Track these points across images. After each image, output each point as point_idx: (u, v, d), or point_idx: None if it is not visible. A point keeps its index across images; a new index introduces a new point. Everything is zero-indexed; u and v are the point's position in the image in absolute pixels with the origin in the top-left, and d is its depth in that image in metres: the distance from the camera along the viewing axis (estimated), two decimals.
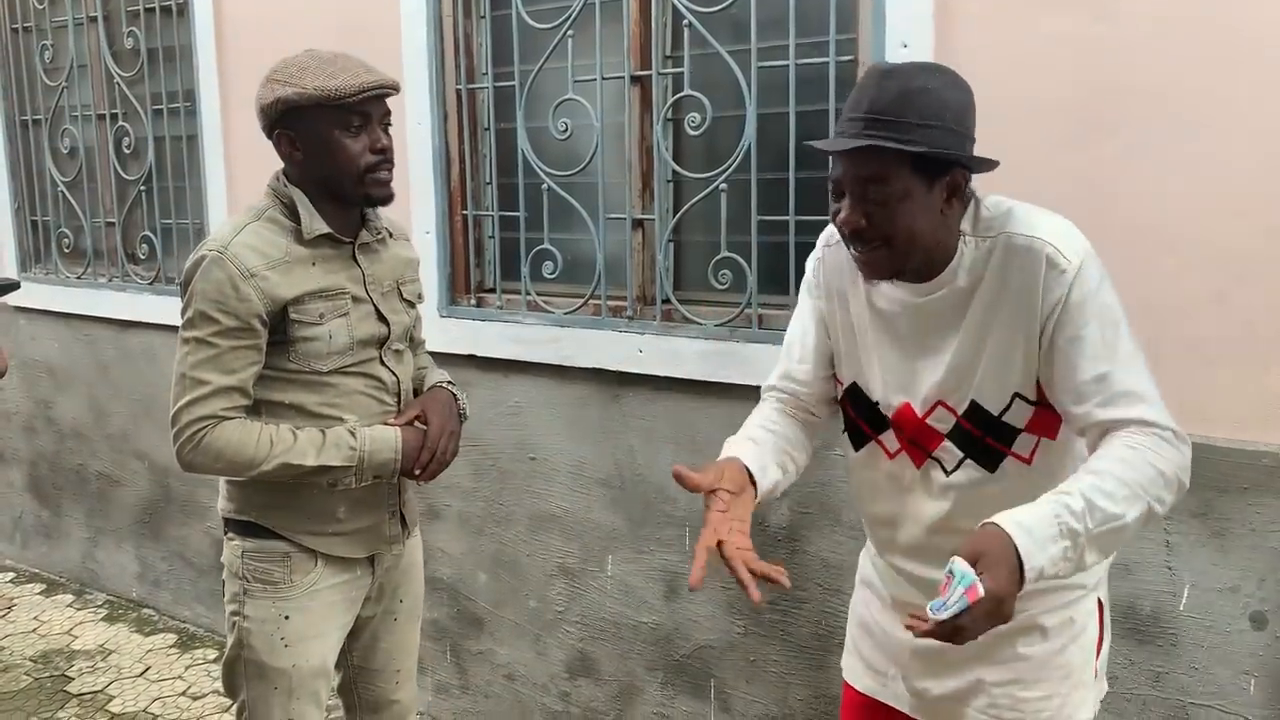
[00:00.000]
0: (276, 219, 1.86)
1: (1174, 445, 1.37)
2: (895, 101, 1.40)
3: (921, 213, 1.43)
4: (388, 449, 1.87)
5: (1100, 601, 1.63)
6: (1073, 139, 1.99)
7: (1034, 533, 1.29)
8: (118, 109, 3.78)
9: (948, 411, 1.53)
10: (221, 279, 1.78)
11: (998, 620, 1.26)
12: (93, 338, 4.00)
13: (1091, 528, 1.31)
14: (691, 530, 2.61)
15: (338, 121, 1.79)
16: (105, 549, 4.17)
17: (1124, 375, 1.39)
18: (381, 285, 1.96)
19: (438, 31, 2.84)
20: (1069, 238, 1.43)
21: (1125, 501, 1.33)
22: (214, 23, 3.35)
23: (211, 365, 1.79)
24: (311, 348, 1.84)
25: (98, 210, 3.94)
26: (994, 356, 1.47)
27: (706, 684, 2.66)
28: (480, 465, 2.97)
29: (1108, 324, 1.41)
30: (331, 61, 1.80)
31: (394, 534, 2.03)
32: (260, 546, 1.92)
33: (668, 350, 2.54)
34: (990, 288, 1.46)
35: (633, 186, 2.62)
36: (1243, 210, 1.86)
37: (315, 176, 1.85)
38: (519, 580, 2.95)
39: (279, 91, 1.78)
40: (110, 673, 3.55)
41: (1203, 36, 1.87)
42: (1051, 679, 1.58)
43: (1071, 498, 1.33)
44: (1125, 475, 1.34)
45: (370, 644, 2.12)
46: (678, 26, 2.52)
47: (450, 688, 3.16)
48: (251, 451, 1.80)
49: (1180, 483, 1.38)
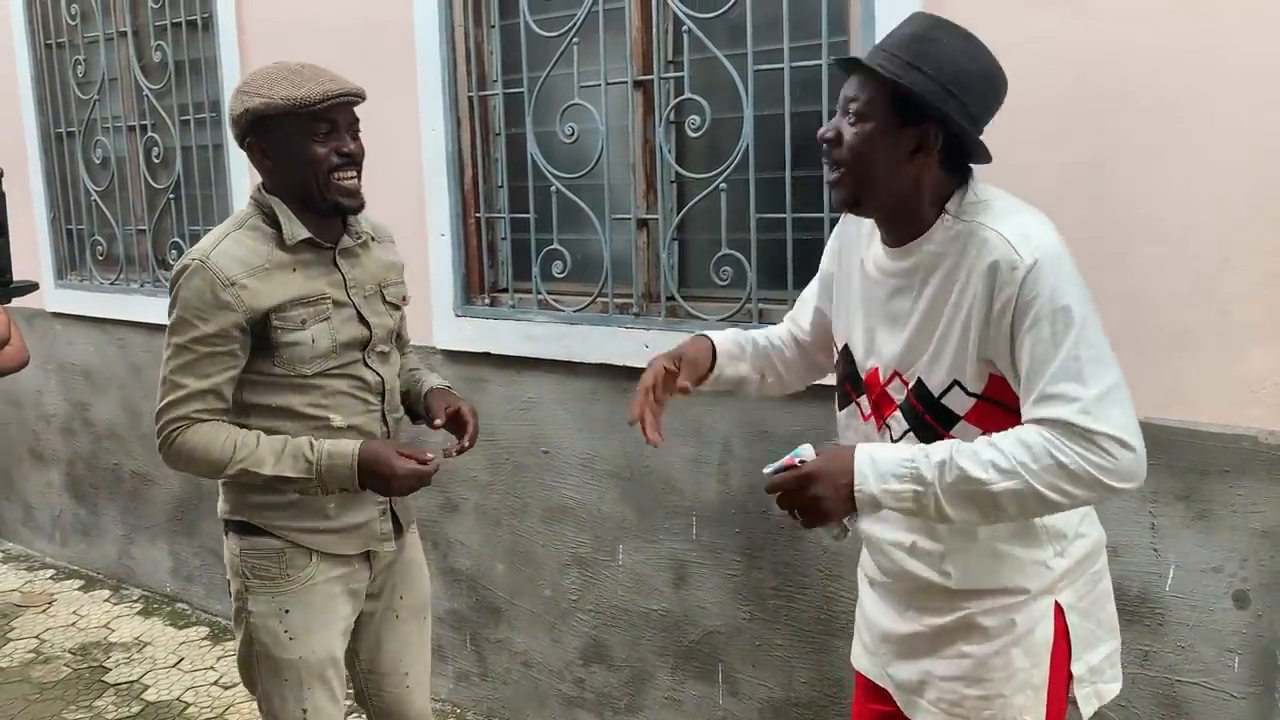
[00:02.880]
0: (259, 227, 1.91)
1: (1093, 447, 1.38)
2: (904, 40, 1.49)
3: (883, 149, 1.49)
4: (344, 464, 1.88)
5: (1060, 606, 1.60)
6: (1056, 135, 2.05)
7: (878, 464, 1.47)
8: (147, 120, 3.91)
9: (901, 383, 1.59)
10: (201, 287, 1.84)
11: (805, 500, 1.48)
12: (125, 341, 4.14)
13: (947, 482, 1.43)
14: (698, 519, 2.69)
15: (305, 129, 1.84)
16: (140, 546, 4.31)
17: (1061, 377, 1.40)
18: (363, 289, 2.00)
19: (450, 40, 2.94)
20: (1030, 236, 1.44)
21: (995, 471, 1.40)
22: (237, 36, 3.48)
23: (188, 370, 1.86)
24: (295, 352, 1.90)
25: (129, 218, 4.07)
26: (939, 340, 1.52)
27: (715, 668, 2.74)
28: (496, 459, 3.06)
29: (1059, 325, 1.40)
30: (297, 72, 1.85)
31: (385, 532, 2.07)
32: (255, 544, 1.98)
33: (672, 345, 2.61)
34: (947, 272, 1.51)
35: (637, 187, 2.71)
36: (1220, 201, 1.92)
37: (286, 184, 1.90)
38: (534, 570, 3.05)
39: (247, 103, 1.84)
40: (145, 664, 3.69)
41: (1180, 33, 1.92)
42: (994, 680, 1.60)
43: (936, 450, 1.45)
44: (1009, 450, 1.41)
45: (375, 644, 2.17)
46: (678, 32, 2.60)
47: (470, 675, 3.25)
48: (216, 454, 1.86)
49: (1098, 481, 1.38)
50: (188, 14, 3.65)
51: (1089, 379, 1.39)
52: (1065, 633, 1.61)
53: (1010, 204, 1.52)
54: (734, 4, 2.45)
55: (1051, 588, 1.59)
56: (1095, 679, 1.65)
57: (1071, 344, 1.40)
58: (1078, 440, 1.38)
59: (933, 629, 1.66)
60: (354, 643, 2.15)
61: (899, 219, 1.56)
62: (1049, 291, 1.41)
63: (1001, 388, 1.51)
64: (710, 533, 2.68)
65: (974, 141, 1.49)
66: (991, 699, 1.61)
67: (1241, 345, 1.93)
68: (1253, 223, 1.90)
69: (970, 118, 1.48)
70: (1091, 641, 1.64)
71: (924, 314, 1.54)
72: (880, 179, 1.52)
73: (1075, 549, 1.61)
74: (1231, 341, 1.94)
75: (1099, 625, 1.66)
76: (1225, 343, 1.94)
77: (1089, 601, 1.64)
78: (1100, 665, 1.66)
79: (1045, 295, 1.41)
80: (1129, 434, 1.39)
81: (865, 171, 1.52)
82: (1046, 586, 1.59)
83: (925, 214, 1.54)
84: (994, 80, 1.51)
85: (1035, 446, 1.40)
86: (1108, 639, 1.68)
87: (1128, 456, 1.39)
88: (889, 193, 1.53)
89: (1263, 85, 1.86)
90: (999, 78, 1.52)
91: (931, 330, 1.53)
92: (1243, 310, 1.92)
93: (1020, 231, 1.45)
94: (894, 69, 1.46)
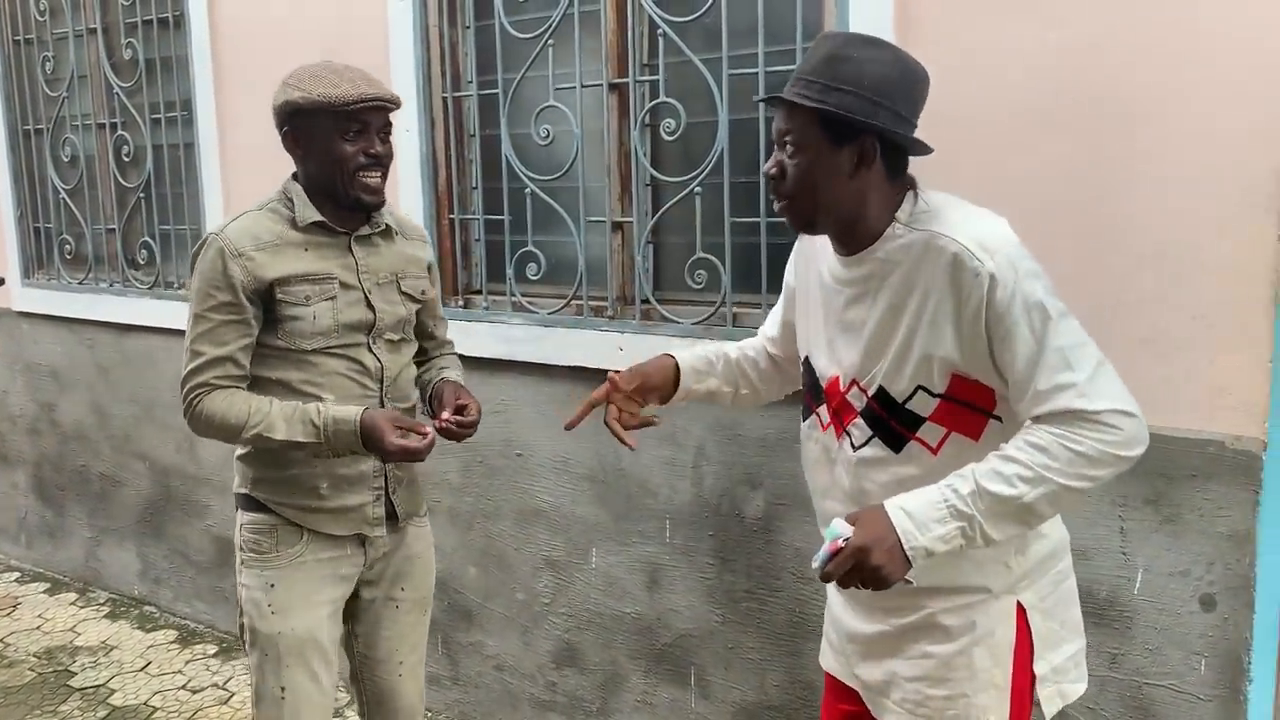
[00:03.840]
0: (277, 209, 2.03)
1: (1101, 425, 1.42)
2: (818, 64, 1.52)
3: (825, 172, 1.53)
4: (348, 429, 1.94)
5: (1022, 606, 1.62)
6: (1026, 141, 2.07)
7: (915, 515, 1.45)
8: (117, 118, 3.87)
9: (860, 391, 1.61)
10: (214, 258, 1.95)
11: (865, 573, 1.45)
12: (94, 341, 4.09)
13: (983, 508, 1.44)
14: (671, 522, 2.69)
15: (337, 127, 1.94)
16: (108, 548, 4.26)
17: (1053, 370, 1.43)
18: (377, 276, 2.07)
19: (424, 41, 2.93)
20: (987, 240, 1.46)
21: (1023, 484, 1.42)
22: (209, 34, 3.45)
23: (206, 338, 1.96)
24: (296, 326, 1.98)
25: (98, 217, 4.03)
26: (900, 347, 1.54)
27: (687, 671, 2.74)
28: (469, 462, 3.05)
29: (1037, 322, 1.44)
30: (340, 73, 1.95)
31: (377, 516, 2.10)
32: (254, 520, 2.08)
33: (647, 348, 2.60)
34: (903, 280, 1.53)
35: (612, 190, 2.71)
36: (1191, 207, 1.94)
37: (313, 174, 2.01)
38: (507, 573, 3.04)
39: (288, 94, 1.95)
40: (112, 668, 3.64)
41: (1150, 39, 1.94)
42: (957, 679, 1.62)
43: (962, 481, 1.45)
44: (1026, 459, 1.43)
45: (373, 630, 2.21)
46: (653, 36, 2.60)
47: (442, 679, 3.24)
48: (233, 419, 1.95)
49: (1114, 456, 1.42)
50: (159, 11, 3.61)
51: (1076, 363, 1.44)
52: (1028, 633, 1.62)
53: (962, 210, 1.55)
54: (709, 8, 2.46)
55: (1012, 587, 1.61)
56: (1059, 679, 1.66)
57: (1053, 336, 1.44)
58: (1085, 424, 1.42)
59: (896, 628, 1.68)
60: (353, 625, 2.21)
61: (851, 232, 1.59)
62: (1019, 292, 1.44)
63: (963, 387, 1.53)
64: (683, 535, 2.68)
65: (911, 141, 1.53)
66: (955, 699, 1.62)
67: (1210, 351, 1.95)
68: (1222, 229, 1.92)
69: (901, 120, 1.52)
70: (1055, 641, 1.66)
71: (879, 321, 1.57)
72: (829, 200, 1.56)
73: (1035, 549, 1.63)
74: (1201, 347, 1.96)
75: (1063, 625, 1.68)
76: (1195, 348, 1.96)
77: (1052, 601, 1.66)
78: (1064, 665, 1.67)
79: (1017, 297, 1.44)
80: (1125, 403, 1.43)
81: (813, 198, 1.56)
82: (1007, 586, 1.61)
83: (876, 224, 1.57)
84: (912, 79, 1.54)
85: (1050, 446, 1.43)
86: (1072, 639, 1.69)
87: (1131, 423, 1.43)
88: (839, 211, 1.57)
89: (1232, 91, 1.88)
90: (919, 74, 1.55)
91: (889, 337, 1.56)
92: (1212, 316, 1.94)
93: (977, 237, 1.47)
94: (816, 96, 1.50)
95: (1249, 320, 1.91)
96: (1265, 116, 1.86)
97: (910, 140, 1.53)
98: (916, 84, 1.54)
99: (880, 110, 1.49)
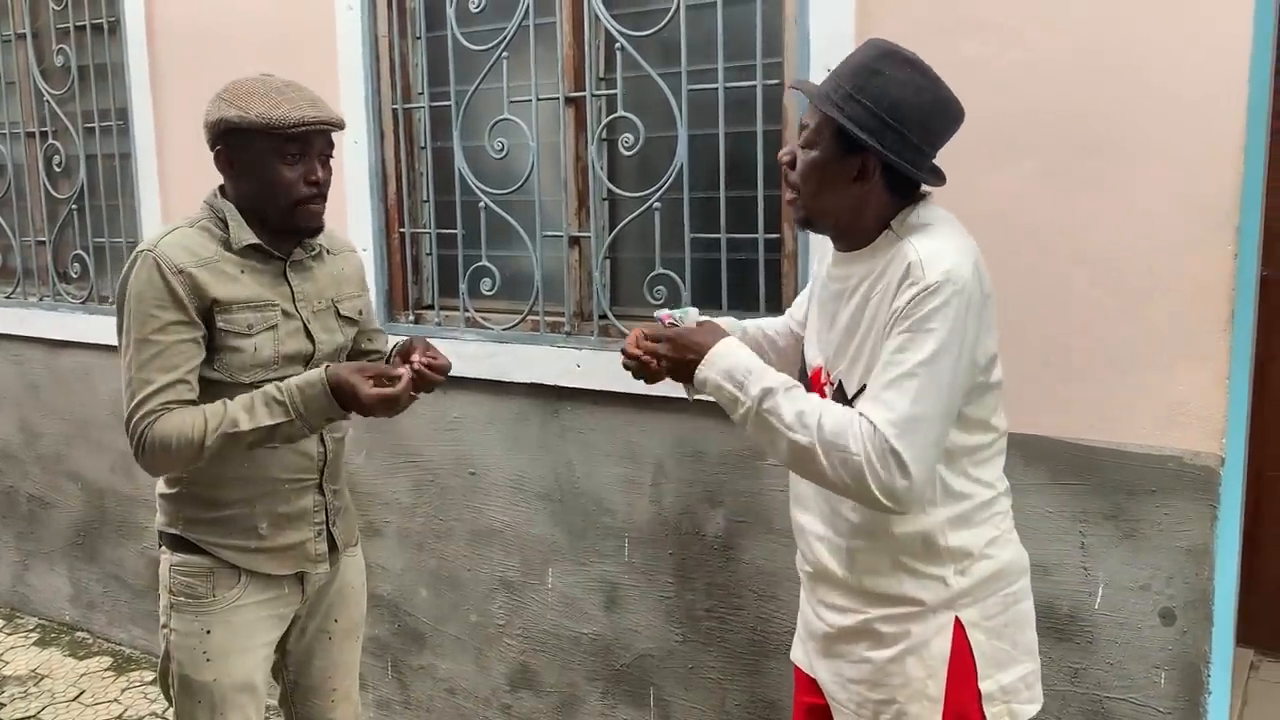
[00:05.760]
0: (208, 228, 1.89)
1: (882, 456, 1.44)
2: (851, 70, 1.55)
3: (827, 176, 1.58)
4: (316, 393, 1.79)
5: (961, 622, 1.62)
6: (990, 160, 2.08)
7: (723, 360, 1.60)
8: (48, 126, 3.74)
9: (829, 384, 1.66)
10: (154, 275, 1.80)
11: (659, 359, 1.66)
12: (22, 358, 3.94)
13: (760, 405, 1.54)
14: (630, 542, 2.65)
15: (276, 149, 1.82)
16: (37, 572, 4.09)
17: (892, 386, 1.47)
18: (313, 303, 1.97)
19: (373, 51, 2.87)
20: (940, 260, 1.48)
21: (796, 419, 1.51)
22: (146, 40, 3.34)
23: (154, 364, 1.79)
24: (235, 359, 1.86)
25: (27, 229, 3.89)
26: (858, 346, 1.59)
27: (646, 692, 2.70)
28: (420, 481, 2.98)
29: (916, 342, 1.46)
30: (280, 91, 1.83)
31: (319, 553, 2.03)
32: (186, 561, 1.96)
33: (605, 365, 2.59)
34: (873, 283, 1.57)
35: (569, 205, 2.67)
36: (1148, 226, 1.96)
37: (246, 195, 1.89)
38: (460, 595, 2.98)
39: (224, 111, 1.82)
40: (43, 698, 3.49)
41: (1108, 60, 1.96)
42: (890, 685, 1.65)
43: (773, 378, 1.56)
44: (821, 413, 1.50)
45: (305, 660, 2.14)
46: (610, 49, 2.57)
47: (392, 703, 3.16)
48: (190, 432, 1.77)
49: (863, 481, 1.45)
50: (93, 17, 3.49)
51: (914, 399, 1.46)
52: (966, 648, 1.63)
53: (946, 229, 1.57)
54: (668, 23, 2.43)
55: (951, 603, 1.62)
56: (1009, 698, 1.66)
57: (915, 363, 1.46)
58: (872, 442, 1.45)
59: (839, 630, 1.72)
60: (283, 655, 2.13)
61: (846, 234, 1.64)
62: (927, 312, 1.46)
63: None
64: (642, 554, 2.65)
65: (913, 170, 1.55)
66: (888, 704, 1.66)
67: (1168, 367, 1.97)
68: (1179, 248, 1.94)
69: (911, 147, 1.54)
70: (1004, 661, 1.66)
71: (848, 320, 1.62)
72: (826, 201, 1.61)
73: (979, 569, 1.63)
74: (1158, 364, 1.98)
75: (1014, 646, 1.67)
76: (1152, 365, 1.99)
77: (1000, 622, 1.66)
78: (1014, 685, 1.67)
79: (921, 314, 1.47)
80: (916, 465, 1.45)
81: (813, 194, 1.61)
82: (944, 601, 1.62)
83: (870, 231, 1.61)
84: (937, 110, 1.56)
85: (840, 422, 1.49)
86: (1024, 660, 1.69)
87: (901, 483, 1.45)
88: (835, 214, 1.62)
89: (1188, 111, 1.90)
90: (943, 107, 1.57)
91: (851, 336, 1.61)
92: (1169, 334, 1.97)
93: (934, 253, 1.50)
94: (836, 100, 1.54)
95: (1206, 337, 1.94)
96: (1221, 136, 1.89)
97: (914, 169, 1.54)
98: (939, 115, 1.56)
99: (888, 133, 1.52)
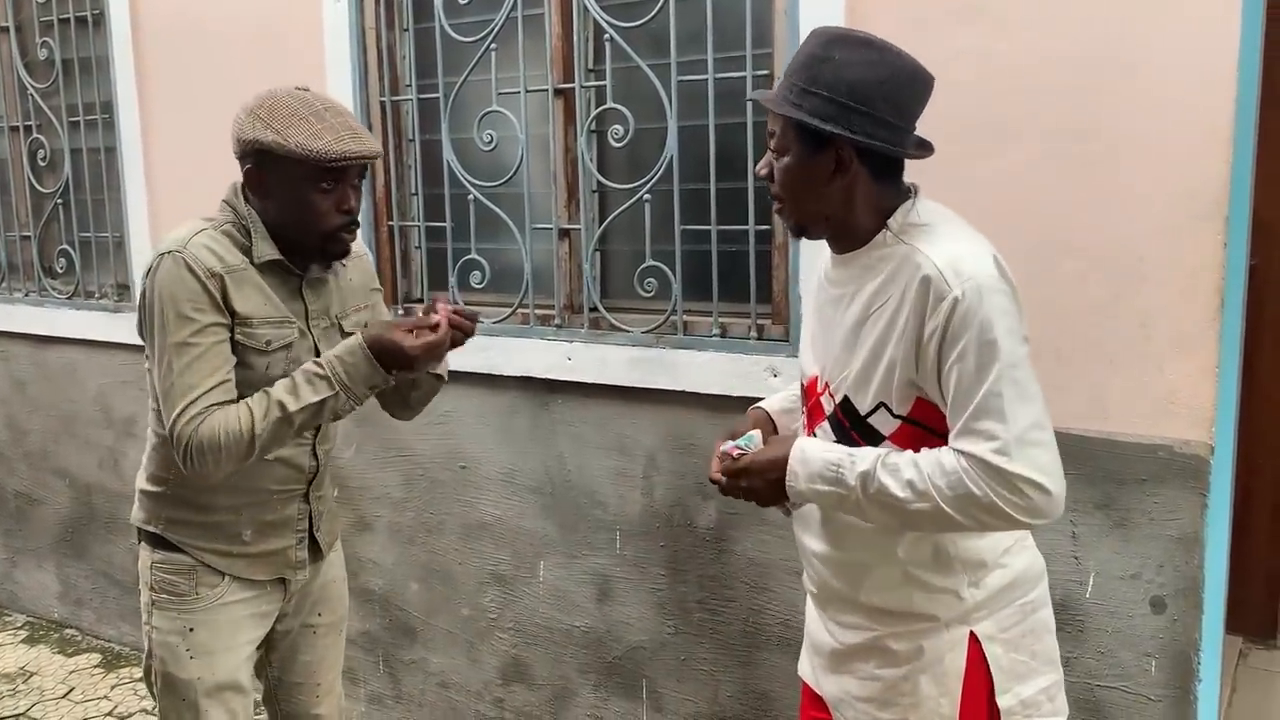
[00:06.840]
0: (231, 234, 1.81)
1: (1008, 485, 1.39)
2: (801, 65, 1.49)
3: (805, 178, 1.52)
4: (358, 360, 1.74)
5: (976, 637, 1.57)
6: (979, 151, 2.08)
7: (809, 463, 1.52)
8: (32, 120, 3.71)
9: (830, 397, 1.59)
10: (186, 276, 1.72)
11: (744, 490, 1.59)
12: (8, 354, 3.91)
13: (869, 492, 1.47)
14: (621, 534, 2.65)
15: (311, 178, 1.75)
16: (25, 569, 4.07)
17: (982, 413, 1.40)
18: (320, 322, 1.92)
19: (360, 44, 2.85)
20: (962, 266, 1.43)
21: (912, 491, 1.44)
22: (131, 33, 3.31)
23: (196, 367, 1.72)
24: (246, 375, 1.79)
25: (12, 224, 3.86)
26: (867, 361, 1.52)
27: (638, 684, 2.70)
28: (411, 475, 2.98)
29: (984, 358, 1.40)
30: (320, 116, 1.74)
31: (300, 559, 2.01)
32: (167, 559, 1.93)
33: (596, 357, 2.59)
34: (878, 292, 1.51)
35: (558, 197, 2.66)
36: (1139, 216, 1.96)
37: (275, 219, 1.81)
38: (451, 589, 2.97)
39: (260, 133, 1.73)
40: (32, 695, 3.48)
41: (1099, 49, 1.96)
42: (901, 704, 1.60)
43: (862, 460, 1.48)
44: (927, 472, 1.43)
45: (289, 656, 2.12)
46: (599, 41, 2.56)
47: (384, 698, 3.15)
48: (239, 427, 1.71)
49: (1008, 516, 1.40)
50: (76, 10, 3.46)
51: (1010, 417, 1.40)
52: (982, 664, 1.57)
53: (952, 229, 1.51)
54: (657, 14, 2.43)
55: (965, 618, 1.57)
56: (1030, 712, 1.59)
57: (994, 379, 1.40)
58: (993, 477, 1.40)
59: (847, 647, 1.67)
60: (267, 652, 2.10)
61: (844, 234, 1.57)
62: (976, 324, 1.41)
63: (926, 411, 1.51)
64: (634, 547, 2.64)
65: (890, 148, 1.49)
66: None
67: (1158, 357, 1.98)
68: (1169, 237, 1.95)
69: (884, 125, 1.47)
70: (1023, 674, 1.59)
71: (850, 329, 1.55)
72: (813, 205, 1.55)
73: (993, 580, 1.58)
74: (1149, 354, 1.99)
75: (1033, 657, 1.60)
76: (1143, 355, 1.99)
77: (1018, 633, 1.59)
78: (1035, 698, 1.60)
79: (973, 328, 1.41)
80: (1046, 476, 1.40)
81: (798, 200, 1.55)
82: (958, 616, 1.57)
83: (865, 226, 1.54)
84: (901, 81, 1.48)
85: (952, 474, 1.42)
86: (1045, 671, 1.62)
87: (1041, 498, 1.40)
88: (826, 215, 1.55)
89: (1177, 102, 1.91)
90: (907, 77, 1.49)
91: (857, 347, 1.53)
92: (1159, 323, 1.97)
93: (952, 261, 1.44)
94: (792, 99, 1.48)
95: (1196, 327, 1.94)
96: (1210, 127, 1.89)
97: (892, 145, 1.48)
98: (905, 85, 1.48)
99: (854, 116, 1.45)
